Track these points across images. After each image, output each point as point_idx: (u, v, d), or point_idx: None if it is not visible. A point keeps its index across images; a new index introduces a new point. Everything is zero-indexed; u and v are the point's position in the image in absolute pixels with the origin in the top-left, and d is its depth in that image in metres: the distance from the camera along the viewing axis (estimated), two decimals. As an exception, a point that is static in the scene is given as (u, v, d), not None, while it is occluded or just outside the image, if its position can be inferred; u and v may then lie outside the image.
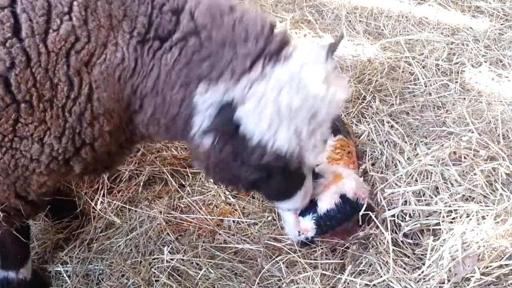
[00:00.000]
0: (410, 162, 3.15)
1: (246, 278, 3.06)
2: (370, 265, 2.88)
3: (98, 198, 3.47)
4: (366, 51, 4.44)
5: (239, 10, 2.26)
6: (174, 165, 3.66)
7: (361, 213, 2.81)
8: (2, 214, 2.38)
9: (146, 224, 3.34)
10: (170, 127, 2.39)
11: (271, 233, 3.25)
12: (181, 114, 2.30)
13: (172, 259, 3.14)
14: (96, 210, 3.43)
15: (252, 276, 3.02)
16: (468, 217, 2.71)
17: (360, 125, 3.79)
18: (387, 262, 2.71)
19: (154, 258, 3.19)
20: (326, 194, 2.89)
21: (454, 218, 2.75)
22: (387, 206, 2.88)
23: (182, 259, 3.14)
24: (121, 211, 3.45)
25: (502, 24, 4.66)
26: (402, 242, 2.88)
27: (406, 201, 2.92)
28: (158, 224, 3.33)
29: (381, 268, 2.80)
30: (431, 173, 3.00)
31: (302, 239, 2.96)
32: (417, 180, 3.01)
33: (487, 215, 2.67)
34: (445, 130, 3.51)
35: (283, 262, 3.04)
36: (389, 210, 2.88)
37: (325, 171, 2.98)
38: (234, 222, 3.36)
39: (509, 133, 3.37)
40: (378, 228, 2.80)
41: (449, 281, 2.48)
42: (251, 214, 3.40)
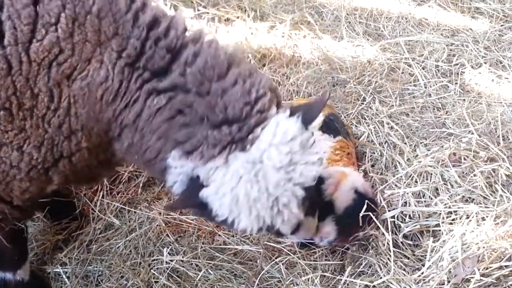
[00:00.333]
0: (410, 163, 3.15)
1: (245, 279, 3.06)
2: (370, 266, 2.88)
3: (97, 200, 3.47)
4: (365, 52, 4.44)
5: (232, 72, 2.18)
6: (174, 166, 3.65)
7: (361, 214, 2.80)
8: None
9: (145, 225, 3.34)
10: (147, 167, 2.41)
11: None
12: (156, 163, 2.29)
13: (171, 260, 3.14)
14: (95, 211, 3.43)
15: (251, 277, 3.02)
16: (468, 218, 2.71)
17: (359, 126, 3.79)
18: (387, 263, 2.71)
19: (153, 259, 3.19)
20: (340, 192, 2.86)
21: (454, 219, 2.75)
22: (387, 207, 2.88)
23: (182, 260, 3.14)
24: (120, 213, 3.46)
25: (502, 25, 4.66)
26: (402, 243, 2.87)
27: (406, 202, 2.92)
28: (157, 225, 3.33)
29: (381, 269, 2.80)
30: (431, 174, 2.99)
31: (323, 245, 2.90)
32: (417, 181, 3.00)
33: (487, 216, 2.66)
34: (445, 131, 3.51)
35: (283, 263, 3.04)
36: (389, 211, 2.88)
37: (329, 172, 2.97)
38: (233, 223, 3.35)
39: (509, 134, 3.37)
40: (378, 229, 2.80)
41: (449, 282, 2.48)
42: (251, 215, 3.39)
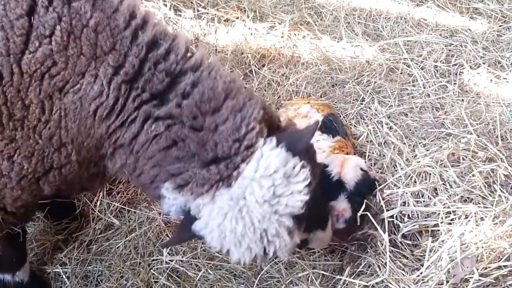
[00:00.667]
0: (408, 163, 3.15)
1: (245, 279, 3.07)
2: (369, 266, 2.89)
3: (97, 200, 3.47)
4: (364, 53, 4.44)
5: (226, 106, 2.20)
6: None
7: (359, 213, 2.81)
8: None
9: (145, 225, 3.34)
10: (141, 188, 2.48)
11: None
12: (151, 188, 2.32)
13: (171, 260, 3.15)
14: (95, 211, 3.43)
15: (251, 277, 3.03)
16: (466, 218, 2.71)
17: (358, 126, 3.80)
18: (386, 263, 2.72)
19: (153, 259, 3.19)
20: (347, 170, 2.87)
21: (452, 219, 2.76)
22: (386, 207, 2.88)
23: (181, 260, 3.15)
24: (120, 213, 3.46)
25: (500, 25, 4.67)
26: (400, 243, 2.88)
27: (404, 202, 2.93)
28: (157, 225, 3.33)
29: (380, 269, 2.80)
30: (430, 174, 3.00)
31: (341, 225, 2.84)
32: (415, 181, 3.01)
33: (486, 217, 2.67)
34: (443, 131, 3.51)
35: (282, 263, 3.05)
36: (387, 211, 2.88)
37: (331, 159, 2.99)
38: (233, 223, 3.35)
39: (507, 134, 3.38)
40: (377, 229, 2.81)
41: (447, 282, 2.48)
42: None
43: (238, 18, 4.75)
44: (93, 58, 2.08)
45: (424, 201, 2.92)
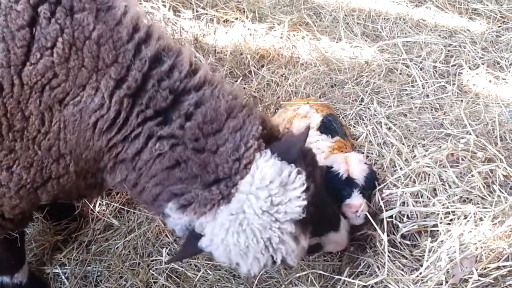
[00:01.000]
0: (408, 164, 3.15)
1: (244, 280, 3.07)
2: (368, 266, 2.89)
3: (96, 200, 3.47)
4: (363, 53, 4.45)
5: (228, 126, 2.22)
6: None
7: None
8: None
9: (144, 226, 3.34)
10: (144, 203, 2.51)
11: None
12: (154, 206, 2.35)
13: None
14: (94, 212, 3.43)
15: (250, 277, 3.03)
16: (465, 218, 2.71)
17: (358, 127, 3.80)
18: (385, 263, 2.72)
19: (152, 260, 3.19)
20: (353, 166, 2.89)
21: (451, 220, 2.76)
22: (385, 207, 2.88)
23: (181, 261, 3.14)
24: (119, 213, 3.46)
25: (499, 26, 4.68)
26: (400, 243, 2.88)
27: (404, 202, 2.93)
28: (156, 225, 3.33)
29: (379, 269, 2.81)
30: (429, 174, 3.00)
31: (361, 221, 2.85)
32: (415, 181, 3.01)
33: (485, 217, 2.67)
34: (442, 132, 3.52)
35: (282, 264, 3.05)
36: (386, 211, 2.89)
37: (331, 159, 3.00)
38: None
39: (506, 134, 3.38)
40: (376, 229, 2.81)
41: (447, 282, 2.49)
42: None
43: (237, 18, 4.75)
44: (94, 70, 2.07)
45: (423, 201, 2.92)
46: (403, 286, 2.64)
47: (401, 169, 3.15)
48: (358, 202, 2.80)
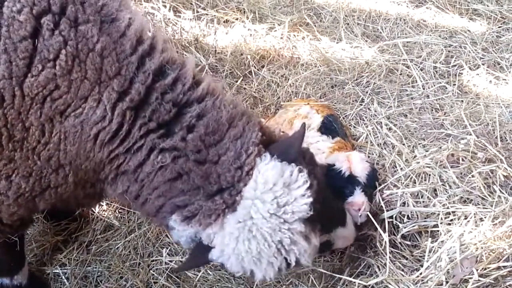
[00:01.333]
0: (408, 164, 3.16)
1: (244, 280, 3.07)
2: (368, 266, 2.89)
3: (96, 200, 3.47)
4: (364, 54, 4.45)
5: (229, 135, 2.22)
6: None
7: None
8: None
9: (144, 226, 3.34)
10: (146, 216, 2.50)
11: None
12: (157, 218, 2.34)
13: (170, 261, 3.15)
14: (94, 212, 3.43)
15: (250, 278, 3.02)
16: (466, 219, 2.71)
17: (358, 127, 3.80)
18: (386, 263, 2.72)
19: (152, 260, 3.19)
20: (355, 164, 2.89)
21: (452, 220, 2.76)
22: (385, 208, 2.89)
23: (181, 261, 3.15)
24: (119, 213, 3.46)
25: (499, 26, 4.68)
26: (400, 243, 2.88)
27: (404, 202, 2.93)
28: (156, 225, 3.32)
29: (379, 269, 2.81)
30: (429, 175, 3.00)
31: (364, 219, 2.84)
32: (415, 182, 3.01)
33: (485, 217, 2.67)
34: (443, 132, 3.52)
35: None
36: (387, 211, 2.89)
37: (332, 158, 3.00)
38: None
39: (506, 135, 3.38)
40: (377, 229, 2.81)
41: (447, 282, 2.49)
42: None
43: (237, 19, 4.75)
44: (97, 82, 2.06)
45: (423, 201, 2.93)
46: (404, 286, 2.64)
47: (401, 169, 3.16)
48: (360, 200, 2.80)
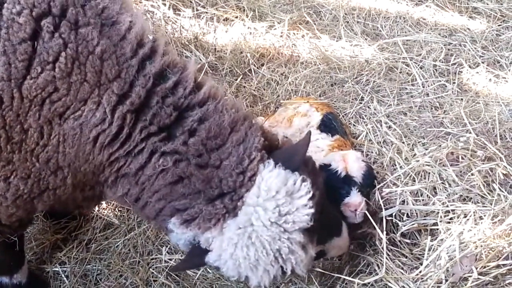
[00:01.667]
0: (407, 163, 3.15)
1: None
2: (368, 265, 2.90)
3: (96, 199, 3.46)
4: (363, 52, 4.44)
5: (231, 140, 2.22)
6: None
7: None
8: None
9: (144, 224, 3.34)
10: (145, 218, 2.52)
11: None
12: (157, 221, 2.35)
13: (170, 259, 3.15)
14: (94, 210, 3.43)
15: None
16: (465, 217, 2.71)
17: (358, 125, 3.80)
18: (385, 262, 2.72)
19: (152, 258, 3.19)
20: (351, 163, 2.88)
21: (451, 218, 2.76)
22: (385, 206, 2.88)
23: (180, 259, 3.14)
24: (119, 212, 3.45)
25: (499, 25, 4.67)
26: (399, 242, 2.88)
27: (403, 201, 2.93)
28: (156, 228, 3.32)
29: (378, 268, 2.81)
30: (429, 173, 3.00)
31: (360, 219, 2.82)
32: (414, 180, 3.01)
33: (485, 215, 2.67)
34: (442, 130, 3.52)
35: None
36: (386, 209, 2.88)
37: (328, 158, 2.99)
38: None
39: (506, 133, 3.38)
40: (376, 228, 2.81)
41: (446, 281, 2.49)
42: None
43: (237, 17, 4.75)
44: (96, 85, 2.05)
45: (423, 200, 2.93)
46: (403, 284, 2.64)
47: (401, 167, 3.15)
48: (357, 200, 2.78)
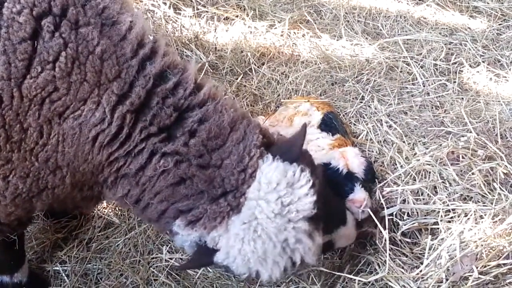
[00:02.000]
0: (408, 162, 3.16)
1: (244, 278, 3.06)
2: (368, 264, 2.90)
3: (96, 198, 3.46)
4: (364, 51, 4.44)
5: (231, 139, 2.23)
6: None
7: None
8: None
9: (144, 223, 3.34)
10: (147, 220, 2.49)
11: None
12: (160, 222, 2.34)
13: (170, 258, 3.15)
14: (94, 210, 3.43)
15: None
16: (466, 216, 2.72)
17: (358, 124, 3.80)
18: (386, 261, 2.72)
19: (152, 257, 3.19)
20: (351, 159, 2.90)
21: (452, 218, 2.76)
22: (385, 205, 2.89)
23: (181, 258, 3.15)
24: (120, 211, 3.45)
25: (500, 24, 4.67)
26: (400, 241, 2.89)
27: (404, 200, 2.93)
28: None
29: (379, 267, 2.81)
30: (429, 172, 3.00)
31: (365, 215, 2.83)
32: (415, 179, 3.02)
33: (485, 215, 2.67)
34: (443, 129, 3.51)
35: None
36: (387, 208, 2.89)
37: (328, 156, 3.00)
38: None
39: (507, 132, 3.38)
40: (376, 227, 2.81)
41: (447, 280, 2.49)
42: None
43: (237, 16, 4.75)
44: (96, 85, 2.06)
45: (423, 199, 2.93)
46: (403, 283, 2.64)
47: (401, 167, 3.16)
48: (361, 196, 2.80)
